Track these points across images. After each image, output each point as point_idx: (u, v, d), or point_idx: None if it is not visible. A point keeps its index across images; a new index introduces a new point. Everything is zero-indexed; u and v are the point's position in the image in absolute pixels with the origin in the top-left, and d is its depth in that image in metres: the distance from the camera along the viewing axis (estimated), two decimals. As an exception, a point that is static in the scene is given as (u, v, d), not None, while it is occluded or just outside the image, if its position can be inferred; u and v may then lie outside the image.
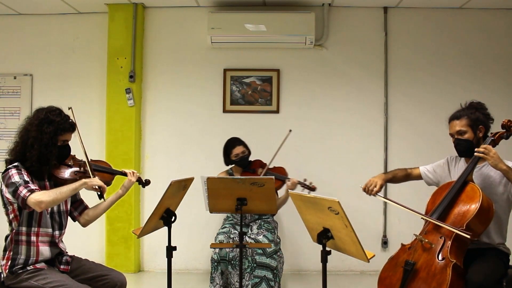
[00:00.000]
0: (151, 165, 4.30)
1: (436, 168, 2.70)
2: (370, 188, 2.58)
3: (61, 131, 2.24)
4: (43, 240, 2.23)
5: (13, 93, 4.37)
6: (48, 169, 2.22)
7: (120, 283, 2.34)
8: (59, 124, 2.23)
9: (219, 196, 2.68)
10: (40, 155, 2.17)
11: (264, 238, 3.21)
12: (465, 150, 2.47)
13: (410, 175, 2.78)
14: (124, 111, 4.17)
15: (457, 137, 2.49)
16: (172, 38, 4.32)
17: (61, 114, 2.28)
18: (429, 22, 4.25)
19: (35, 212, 2.19)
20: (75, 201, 2.47)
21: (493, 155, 2.29)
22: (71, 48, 4.37)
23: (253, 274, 3.09)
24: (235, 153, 3.49)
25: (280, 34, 4.03)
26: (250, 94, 4.29)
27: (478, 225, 2.29)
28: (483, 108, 2.53)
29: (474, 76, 4.21)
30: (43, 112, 2.25)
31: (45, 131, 2.20)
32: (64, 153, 2.32)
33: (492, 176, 2.45)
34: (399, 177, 2.76)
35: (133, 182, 2.54)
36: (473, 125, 2.46)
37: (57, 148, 2.24)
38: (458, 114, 2.50)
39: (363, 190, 2.62)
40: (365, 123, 4.26)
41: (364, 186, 2.61)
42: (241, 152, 3.49)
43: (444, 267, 2.19)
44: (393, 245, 4.16)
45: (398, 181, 2.78)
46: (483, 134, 2.47)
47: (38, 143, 2.18)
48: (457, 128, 2.48)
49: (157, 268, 4.27)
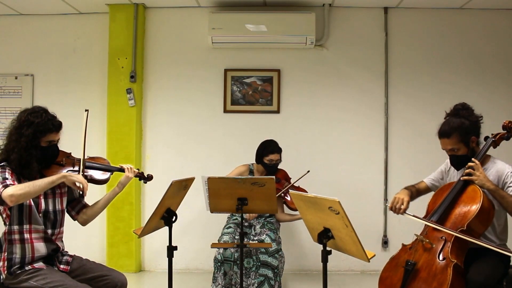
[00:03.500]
0: (152, 165, 4.31)
1: (439, 175, 2.70)
2: (397, 207, 2.47)
3: (41, 133, 2.19)
4: (36, 237, 2.21)
5: (14, 93, 4.38)
6: (28, 172, 2.17)
7: (121, 283, 2.33)
8: (38, 126, 2.18)
9: (220, 196, 2.68)
10: (20, 158, 2.14)
11: (267, 237, 3.22)
12: (462, 163, 2.46)
13: (419, 190, 2.70)
14: (125, 111, 4.18)
15: (451, 153, 2.47)
16: (173, 38, 4.33)
17: (42, 115, 2.21)
18: (429, 22, 4.25)
19: (24, 210, 2.17)
20: (72, 200, 2.45)
21: (479, 174, 2.31)
22: (72, 48, 4.38)
23: (258, 273, 3.10)
24: (271, 158, 3.45)
25: (281, 34, 4.04)
26: (250, 94, 4.30)
27: (479, 226, 2.29)
28: (469, 112, 2.48)
29: (475, 76, 4.21)
30: (25, 114, 2.22)
31: (24, 134, 2.16)
32: (50, 154, 2.28)
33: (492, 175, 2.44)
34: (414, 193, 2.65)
35: (130, 178, 2.50)
36: (464, 139, 2.42)
37: (39, 150, 2.20)
38: (448, 130, 2.42)
39: (389, 209, 2.53)
40: (365, 123, 4.26)
41: (391, 205, 2.51)
42: (276, 160, 3.47)
43: (444, 267, 2.20)
44: (394, 245, 4.16)
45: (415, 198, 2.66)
46: (476, 143, 2.46)
47: (18, 147, 2.15)
48: (449, 147, 2.45)
49: (158, 268, 4.28)
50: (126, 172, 2.51)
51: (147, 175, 2.68)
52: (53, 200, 2.32)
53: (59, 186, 2.33)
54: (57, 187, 2.32)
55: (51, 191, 2.30)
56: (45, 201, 2.27)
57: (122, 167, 2.53)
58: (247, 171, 3.57)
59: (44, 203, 2.27)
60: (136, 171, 2.58)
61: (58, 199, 2.34)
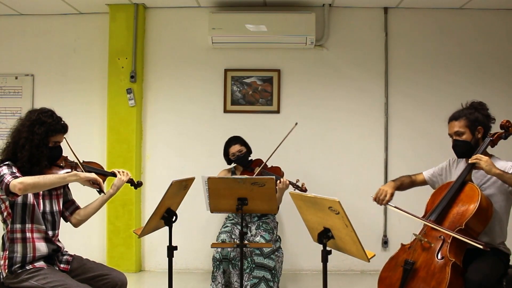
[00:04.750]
0: (152, 165, 4.31)
1: (438, 171, 2.71)
2: (381, 198, 2.56)
3: (52, 132, 2.25)
4: (38, 236, 2.22)
5: (14, 93, 4.38)
6: (38, 169, 2.21)
7: (121, 283, 2.34)
8: (50, 125, 2.24)
9: (220, 196, 2.69)
10: (31, 155, 2.18)
11: (261, 238, 3.20)
12: (463, 151, 2.48)
13: (415, 182, 2.75)
14: (125, 111, 4.18)
15: (455, 138, 2.49)
16: (173, 38, 4.33)
17: (52, 115, 2.28)
18: (429, 22, 4.25)
19: (27, 209, 2.19)
20: (66, 201, 2.46)
21: (486, 161, 2.31)
22: (72, 48, 4.38)
23: (252, 275, 3.10)
24: (232, 152, 3.52)
25: (281, 34, 4.04)
26: (250, 94, 4.30)
27: (477, 225, 2.30)
28: (483, 108, 2.52)
29: (474, 76, 4.21)
30: (35, 113, 2.26)
31: (37, 132, 2.20)
32: (56, 154, 2.32)
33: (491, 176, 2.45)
34: (405, 184, 2.73)
35: (123, 180, 2.51)
36: (471, 125, 2.45)
37: (48, 149, 2.24)
38: (457, 114, 2.50)
39: (373, 200, 2.60)
40: (365, 123, 4.26)
41: (375, 196, 2.59)
42: (237, 151, 3.51)
43: (443, 266, 2.20)
44: (393, 244, 4.16)
45: (405, 189, 2.75)
46: (482, 135, 2.47)
47: (29, 144, 2.18)
48: (455, 129, 2.48)
49: (158, 268, 4.28)
50: (118, 175, 2.52)
51: (137, 182, 2.69)
52: (50, 201, 2.33)
53: (55, 188, 2.34)
54: (53, 188, 2.34)
55: (48, 192, 2.32)
56: (43, 202, 2.29)
57: (114, 171, 2.54)
58: (229, 173, 3.61)
59: (43, 204, 2.28)
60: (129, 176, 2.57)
61: (55, 200, 2.36)
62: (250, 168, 3.52)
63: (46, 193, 2.31)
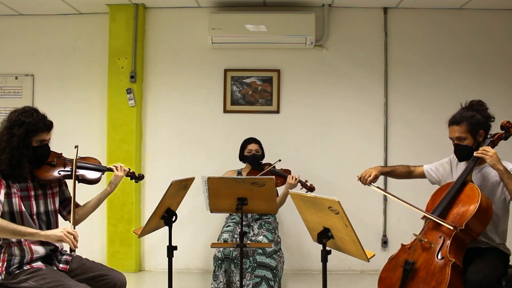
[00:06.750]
0: (152, 165, 4.31)
1: (439, 166, 2.71)
2: (366, 177, 2.65)
3: (33, 132, 2.19)
4: (32, 240, 2.19)
5: (14, 93, 4.38)
6: (20, 172, 2.16)
7: (120, 283, 2.33)
8: (30, 125, 2.17)
9: (220, 196, 2.69)
10: (11, 158, 2.13)
11: (264, 238, 3.22)
12: (465, 155, 2.47)
13: (412, 173, 2.78)
14: (125, 111, 4.18)
15: (457, 142, 2.48)
16: (173, 38, 4.33)
17: (33, 114, 2.21)
18: (429, 22, 4.25)
19: (15, 216, 2.16)
20: (63, 200, 2.44)
21: (492, 154, 2.30)
22: (72, 48, 4.38)
23: (254, 274, 3.10)
24: (249, 148, 3.59)
25: (281, 34, 4.04)
26: (250, 94, 4.30)
27: (477, 225, 2.30)
28: (483, 108, 2.50)
29: (474, 76, 4.22)
30: (16, 114, 2.22)
31: (15, 134, 2.15)
32: (41, 154, 2.26)
33: (492, 177, 2.45)
34: (399, 172, 2.78)
35: (120, 176, 2.50)
36: (472, 130, 2.43)
37: (31, 149, 2.19)
38: (458, 119, 2.46)
39: (358, 179, 2.69)
40: (365, 123, 4.27)
41: (360, 176, 2.68)
42: (255, 149, 3.59)
43: (443, 266, 2.20)
44: (393, 244, 4.16)
45: (399, 177, 2.80)
46: (483, 138, 2.47)
47: (9, 146, 2.13)
48: (457, 134, 2.46)
49: (157, 268, 4.28)
50: (115, 171, 2.51)
51: (138, 175, 2.67)
52: (45, 201, 2.31)
53: (50, 187, 2.34)
54: (48, 187, 2.33)
55: (42, 192, 2.30)
56: (36, 202, 2.26)
57: (111, 167, 2.53)
58: (235, 174, 3.63)
59: (35, 204, 2.25)
60: (127, 170, 2.57)
61: (50, 200, 2.34)
62: (259, 166, 3.57)
63: (40, 193, 2.29)
